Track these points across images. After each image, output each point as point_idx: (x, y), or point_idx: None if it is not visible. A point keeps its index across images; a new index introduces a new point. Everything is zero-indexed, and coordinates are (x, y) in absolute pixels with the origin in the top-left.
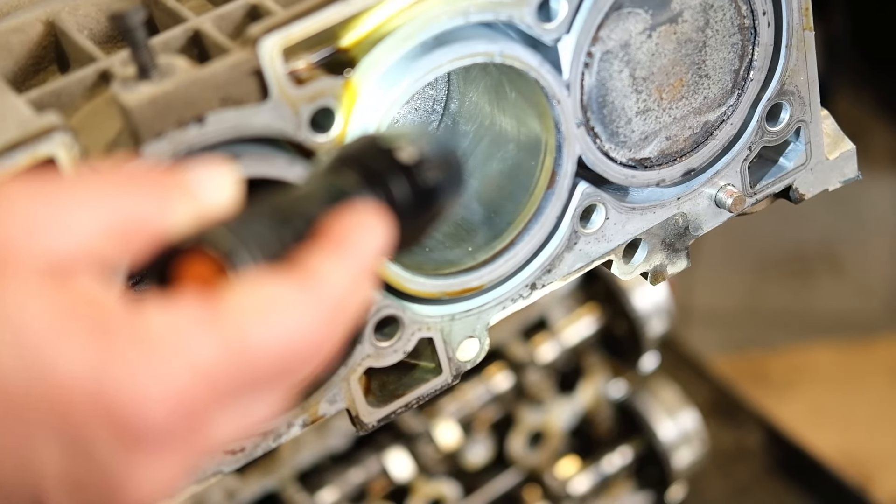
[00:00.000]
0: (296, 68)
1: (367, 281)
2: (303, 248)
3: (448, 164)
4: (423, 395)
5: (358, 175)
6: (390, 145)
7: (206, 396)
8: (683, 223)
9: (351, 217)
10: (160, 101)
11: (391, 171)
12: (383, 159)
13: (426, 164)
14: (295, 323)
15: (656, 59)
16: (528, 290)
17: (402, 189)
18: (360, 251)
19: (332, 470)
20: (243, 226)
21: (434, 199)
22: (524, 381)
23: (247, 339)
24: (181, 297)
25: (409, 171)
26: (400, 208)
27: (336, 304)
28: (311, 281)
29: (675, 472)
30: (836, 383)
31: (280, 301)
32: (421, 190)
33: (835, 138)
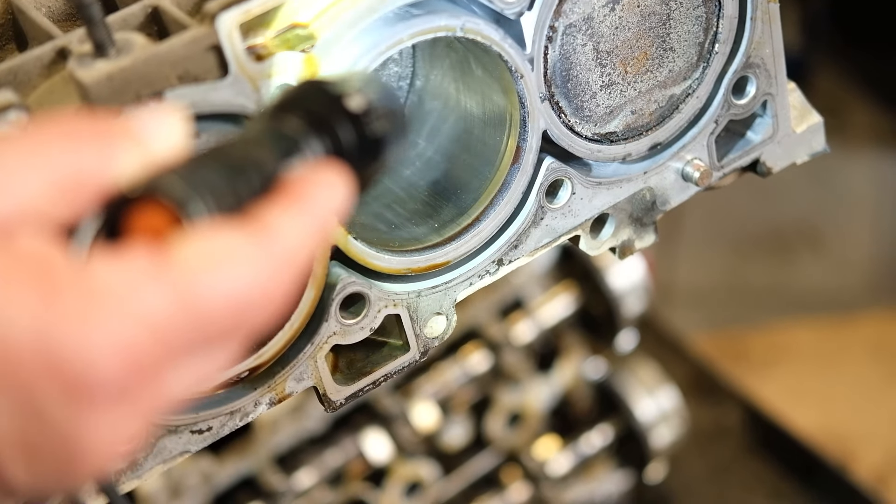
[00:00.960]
0: (255, 44)
1: (321, 237)
2: (259, 201)
3: (394, 114)
4: (390, 372)
5: (304, 121)
6: (338, 92)
7: (156, 349)
8: (650, 197)
9: (311, 174)
10: (117, 77)
11: (339, 119)
12: (331, 106)
13: (374, 113)
14: (247, 275)
15: (620, 32)
16: (495, 266)
17: (349, 137)
18: (319, 208)
19: (309, 452)
20: (196, 174)
21: (380, 148)
22: (501, 362)
23: (198, 291)
24: (131, 250)
25: (357, 120)
26: (346, 156)
27: (289, 259)
28: (266, 234)
29: (654, 451)
30: (816, 361)
31: (233, 253)
32: (368, 139)
33: (802, 111)
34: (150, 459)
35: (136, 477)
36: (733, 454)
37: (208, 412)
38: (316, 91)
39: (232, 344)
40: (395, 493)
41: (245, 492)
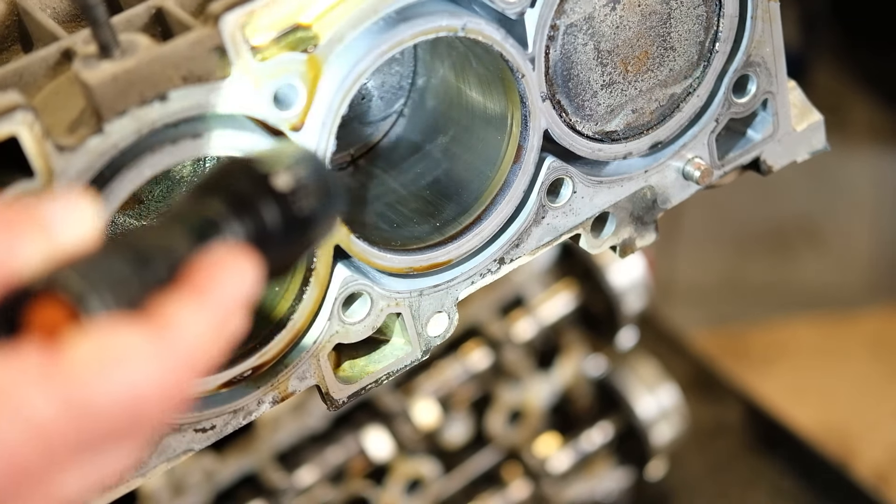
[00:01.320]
0: (258, 45)
1: (227, 328)
2: (163, 293)
3: (325, 189)
4: (392, 371)
5: (226, 203)
6: (264, 170)
7: (42, 455)
8: (651, 196)
9: (215, 262)
10: (121, 78)
11: (263, 199)
12: (256, 185)
13: (301, 191)
14: (141, 374)
15: (621, 31)
16: (497, 265)
17: (273, 218)
18: (222, 299)
19: (310, 450)
20: (99, 267)
21: (308, 227)
22: (502, 359)
23: (88, 392)
24: (24, 347)
25: (283, 199)
26: (271, 237)
27: (190, 355)
28: (165, 330)
29: (654, 448)
30: (816, 358)
31: (128, 351)
32: (294, 218)
33: (802, 109)
34: (155, 458)
35: (140, 475)
36: (733, 451)
37: (212, 411)
38: (242, 170)
39: (129, 444)
40: (396, 490)
41: (247, 489)
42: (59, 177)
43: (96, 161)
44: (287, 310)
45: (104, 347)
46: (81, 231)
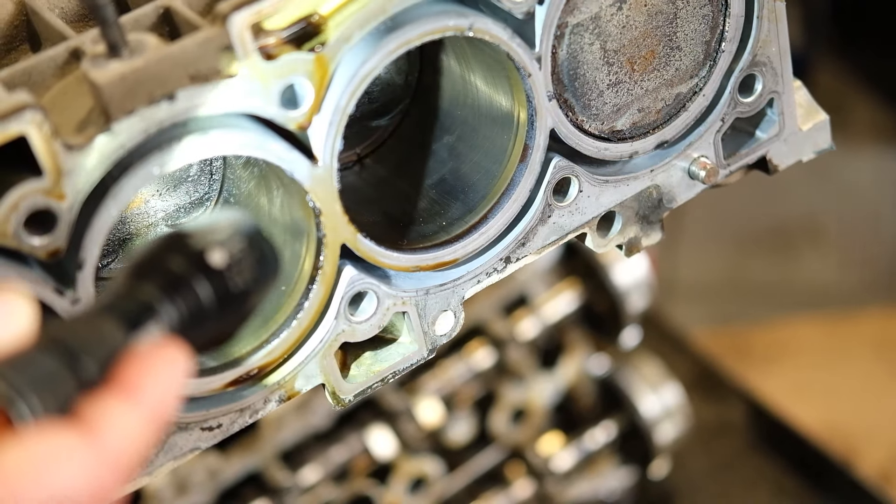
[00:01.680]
0: (266, 44)
1: (159, 425)
2: (94, 392)
3: (260, 261)
4: (399, 370)
5: (160, 285)
6: (197, 247)
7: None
8: (657, 195)
9: (145, 358)
10: (130, 77)
11: (197, 278)
12: (189, 264)
13: (236, 267)
14: (72, 480)
15: (627, 31)
16: (503, 264)
17: (208, 296)
18: (153, 397)
19: (314, 449)
20: (28, 369)
21: (244, 300)
22: (506, 358)
23: (19, 499)
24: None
25: (217, 276)
26: (206, 314)
27: (117, 456)
28: (94, 433)
29: (658, 447)
30: (819, 357)
31: (58, 455)
32: (229, 294)
33: (808, 109)
34: (161, 456)
35: (146, 474)
36: (737, 451)
37: (218, 409)
38: (175, 247)
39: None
40: (400, 489)
41: (251, 488)
42: (68, 175)
43: (104, 160)
44: (294, 308)
45: (34, 453)
46: (14, 329)
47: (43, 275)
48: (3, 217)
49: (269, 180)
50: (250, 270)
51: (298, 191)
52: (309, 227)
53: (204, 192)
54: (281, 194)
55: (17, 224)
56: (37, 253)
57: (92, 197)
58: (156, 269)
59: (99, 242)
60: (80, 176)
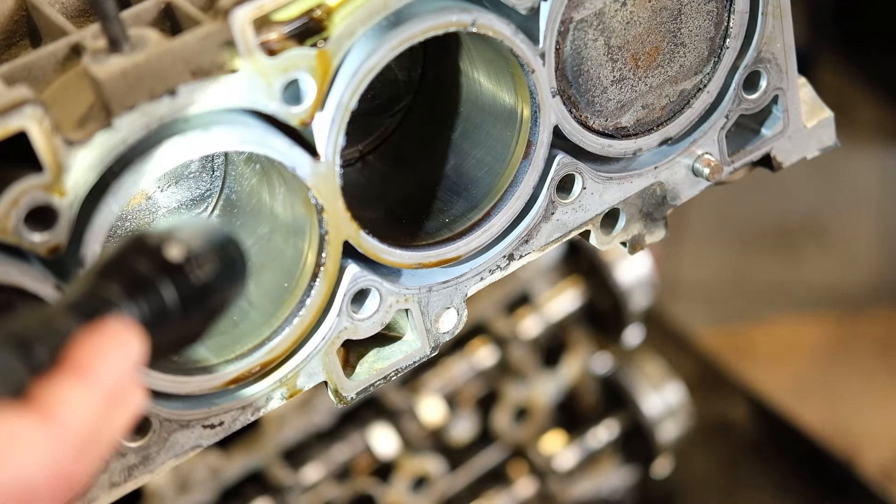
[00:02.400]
0: (268, 39)
1: (118, 405)
2: (46, 377)
3: (223, 254)
4: (401, 367)
5: (120, 283)
6: (156, 244)
7: None
8: (661, 192)
9: (93, 340)
10: (131, 73)
11: (157, 274)
12: (149, 261)
13: (197, 260)
14: (33, 462)
15: (631, 27)
16: (506, 261)
17: (169, 291)
18: (104, 377)
19: (316, 447)
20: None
21: (209, 293)
22: (508, 357)
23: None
24: None
25: (178, 271)
26: (171, 310)
27: (78, 436)
28: (49, 415)
29: (660, 446)
30: (822, 356)
31: (16, 440)
32: (192, 288)
33: (812, 106)
34: (163, 454)
35: (148, 472)
36: (739, 450)
37: (220, 407)
38: (137, 247)
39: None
40: (402, 487)
41: (252, 486)
42: (68, 171)
43: (105, 156)
44: (296, 305)
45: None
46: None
47: (43, 271)
48: (4, 213)
49: (270, 177)
50: (212, 266)
51: (300, 187)
52: (311, 224)
53: (205, 189)
54: (283, 191)
55: (18, 220)
56: (37, 249)
57: (93, 193)
58: (117, 268)
59: (100, 239)
60: (80, 172)
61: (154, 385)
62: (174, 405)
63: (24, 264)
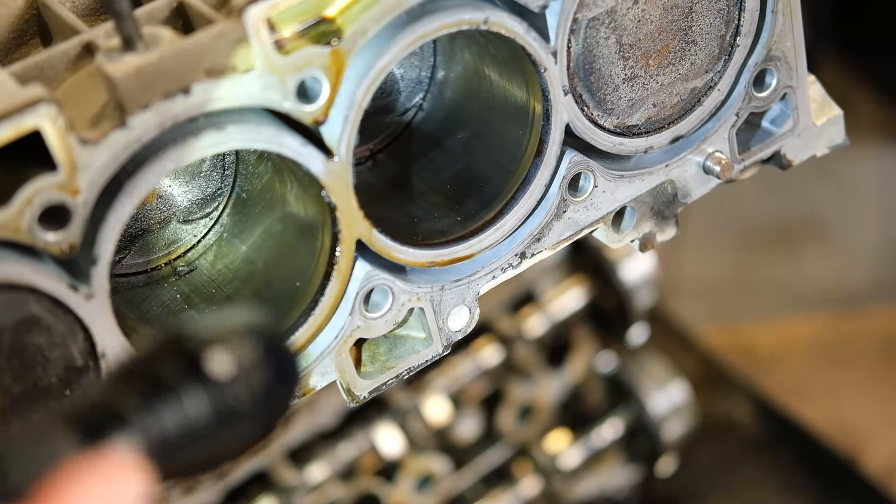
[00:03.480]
0: (281, 38)
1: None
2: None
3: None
4: (414, 366)
5: (140, 391)
6: (194, 349)
7: None
8: (672, 190)
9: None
10: (146, 71)
11: (189, 387)
12: (182, 369)
13: (241, 375)
14: None
15: (643, 25)
16: (518, 260)
17: (202, 410)
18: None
19: (321, 447)
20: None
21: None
22: (513, 355)
23: None
24: None
25: (217, 387)
26: (199, 433)
27: None
28: None
29: (665, 444)
30: (823, 355)
31: None
32: (231, 411)
33: (822, 104)
34: None
35: None
36: (743, 448)
37: None
38: (168, 349)
39: None
40: (407, 487)
41: (257, 486)
42: (82, 170)
43: (119, 154)
44: (308, 304)
45: None
46: None
47: (57, 270)
48: (17, 212)
49: (283, 175)
50: (259, 383)
51: (313, 186)
52: (324, 223)
53: (216, 188)
54: (295, 189)
55: (32, 219)
56: (51, 248)
57: (106, 192)
58: (141, 373)
59: (114, 238)
60: (94, 170)
61: None
62: None
63: (38, 263)
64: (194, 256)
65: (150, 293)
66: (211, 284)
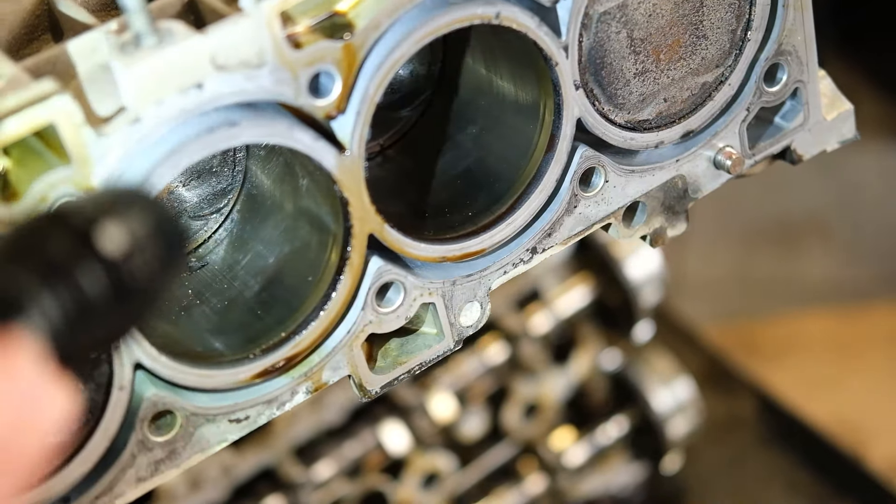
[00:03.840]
0: (294, 32)
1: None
2: None
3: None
4: (425, 361)
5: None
6: (86, 227)
7: None
8: (683, 185)
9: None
10: (159, 66)
11: (84, 264)
12: (74, 247)
13: (134, 252)
14: None
15: (654, 19)
16: (529, 255)
17: (95, 286)
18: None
19: (328, 444)
20: None
21: (141, 291)
22: (518, 353)
23: None
24: None
25: (109, 264)
26: (97, 311)
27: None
28: None
29: (670, 442)
30: (826, 351)
31: None
32: (124, 285)
33: (832, 98)
34: (189, 449)
35: (174, 466)
36: (748, 445)
37: (245, 401)
38: (58, 225)
39: None
40: (413, 484)
41: (264, 484)
42: (96, 164)
43: (132, 149)
44: (321, 299)
45: None
46: None
47: None
48: (31, 208)
49: (294, 170)
50: (153, 253)
51: (325, 180)
52: (336, 218)
53: (227, 184)
54: (306, 184)
55: None
56: None
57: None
58: (32, 253)
59: None
60: (107, 165)
61: (180, 379)
62: (200, 399)
63: None
64: (205, 252)
65: None
66: (222, 280)
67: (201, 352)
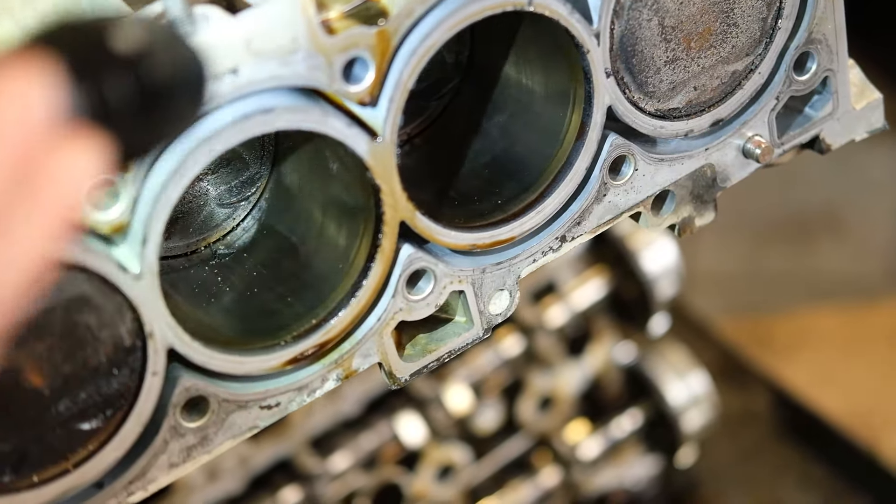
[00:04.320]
0: (328, 18)
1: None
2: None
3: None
4: (455, 349)
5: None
6: (103, 29)
7: None
8: (711, 174)
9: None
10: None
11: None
12: (94, 47)
13: (152, 54)
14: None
15: (685, 7)
16: (559, 243)
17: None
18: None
19: (344, 436)
20: None
21: (165, 97)
22: (534, 346)
23: None
24: None
25: (129, 64)
26: (115, 114)
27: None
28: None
29: (684, 435)
30: (839, 346)
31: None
32: (146, 88)
33: (861, 88)
34: (221, 434)
35: (206, 452)
36: (761, 438)
37: (277, 388)
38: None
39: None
40: (428, 476)
41: (281, 475)
42: None
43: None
44: (352, 286)
45: None
46: None
47: (105, 249)
48: None
49: (323, 157)
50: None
51: (357, 168)
52: (367, 205)
53: (255, 171)
54: (337, 171)
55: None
56: (100, 228)
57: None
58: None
59: (164, 218)
60: None
61: (213, 365)
62: (233, 386)
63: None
64: (234, 239)
65: (189, 275)
66: (252, 267)
67: (232, 337)
